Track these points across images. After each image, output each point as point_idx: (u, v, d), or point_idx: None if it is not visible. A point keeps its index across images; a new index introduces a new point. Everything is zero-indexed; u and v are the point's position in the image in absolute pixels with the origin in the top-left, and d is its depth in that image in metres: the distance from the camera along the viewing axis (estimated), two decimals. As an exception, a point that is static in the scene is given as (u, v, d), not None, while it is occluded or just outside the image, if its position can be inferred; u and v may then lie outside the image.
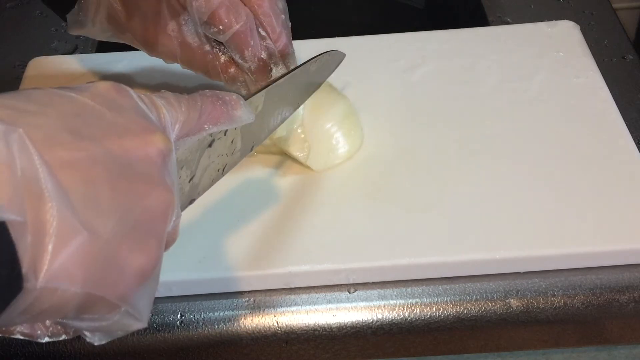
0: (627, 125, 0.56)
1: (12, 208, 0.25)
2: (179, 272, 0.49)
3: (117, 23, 0.51)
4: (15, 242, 0.25)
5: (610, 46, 0.67)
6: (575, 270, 0.49)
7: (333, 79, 0.57)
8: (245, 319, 0.48)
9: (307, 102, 0.53)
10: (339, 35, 0.67)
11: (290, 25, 0.51)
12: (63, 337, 0.32)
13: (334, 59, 0.55)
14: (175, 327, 0.48)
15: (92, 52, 0.70)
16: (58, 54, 0.70)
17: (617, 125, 0.57)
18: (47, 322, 0.31)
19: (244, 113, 0.40)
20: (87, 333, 0.31)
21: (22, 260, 0.26)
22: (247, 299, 0.49)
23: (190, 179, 0.41)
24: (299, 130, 0.53)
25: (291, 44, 0.51)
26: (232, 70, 0.51)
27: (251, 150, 0.46)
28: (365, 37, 0.67)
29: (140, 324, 0.31)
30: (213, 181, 0.43)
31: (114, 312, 0.30)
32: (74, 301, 0.28)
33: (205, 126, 0.38)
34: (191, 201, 0.42)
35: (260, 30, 0.49)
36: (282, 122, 0.50)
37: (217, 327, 0.48)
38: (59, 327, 0.31)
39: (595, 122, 0.57)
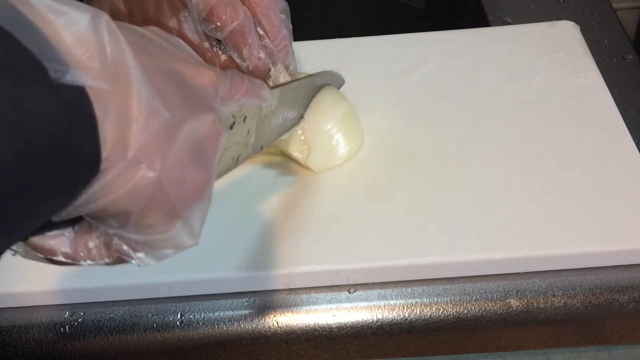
0: (627, 125, 0.56)
1: (102, 78, 0.27)
2: (179, 272, 0.49)
3: (119, 19, 0.51)
4: (99, 120, 0.26)
5: (610, 46, 0.67)
6: (575, 270, 0.49)
7: (333, 79, 0.57)
8: (245, 319, 0.48)
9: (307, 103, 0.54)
10: (339, 36, 0.67)
11: (291, 27, 0.51)
12: (105, 260, 0.32)
13: (336, 80, 0.57)
14: (175, 327, 0.48)
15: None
16: (58, 54, 0.70)
17: (617, 125, 0.57)
18: (91, 244, 0.31)
19: (268, 94, 0.42)
20: (133, 253, 0.31)
21: (104, 140, 0.27)
22: (247, 299, 0.49)
23: None
24: (299, 132, 0.53)
25: (291, 44, 0.51)
26: (229, 71, 0.51)
27: (261, 149, 0.47)
28: (365, 37, 0.67)
29: (193, 241, 0.33)
30: (227, 169, 0.43)
31: (171, 222, 0.31)
32: (146, 192, 0.29)
33: (236, 96, 0.39)
34: None
35: (258, 29, 0.49)
36: (288, 128, 0.51)
37: (217, 327, 0.48)
38: (102, 250, 0.32)
39: (595, 122, 0.57)
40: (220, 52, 0.50)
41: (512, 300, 0.48)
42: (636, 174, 0.53)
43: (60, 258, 0.32)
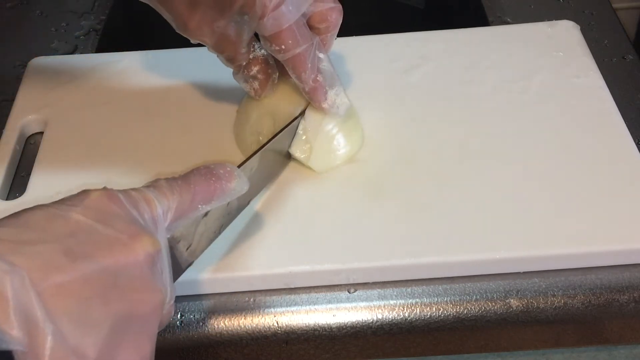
0: (627, 125, 0.56)
1: (19, 340, 0.29)
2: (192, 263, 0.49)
3: None
4: None
5: (610, 46, 0.67)
6: (575, 270, 0.49)
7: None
8: (245, 319, 0.48)
9: (308, 103, 0.54)
10: (339, 36, 0.67)
11: None
12: None
13: None
14: (175, 327, 0.48)
15: (92, 52, 0.70)
16: (58, 54, 0.70)
17: (617, 125, 0.57)
18: None
19: (237, 184, 0.43)
20: None
21: None
22: (247, 299, 0.49)
23: (188, 248, 0.43)
24: (300, 132, 0.53)
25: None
26: (256, 68, 0.51)
27: (247, 205, 0.49)
28: (365, 37, 0.67)
29: None
30: (210, 241, 0.45)
31: None
32: None
33: (199, 206, 0.41)
34: (189, 265, 0.44)
35: (318, 52, 0.49)
36: (277, 175, 0.53)
37: (217, 327, 0.48)
38: None
39: (595, 122, 0.57)
40: (253, 50, 0.50)
41: (512, 300, 0.48)
42: (636, 174, 0.53)
43: None
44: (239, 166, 0.45)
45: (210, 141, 0.58)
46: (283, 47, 0.47)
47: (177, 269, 0.44)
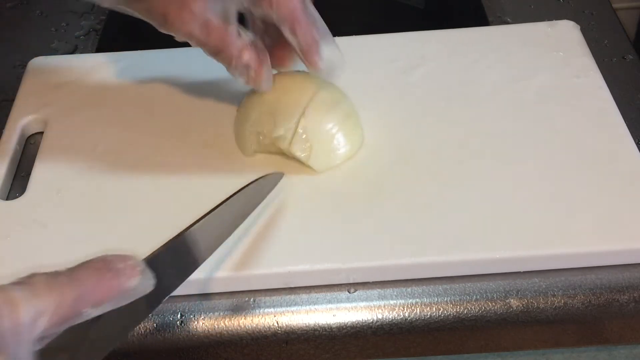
0: (627, 125, 0.56)
1: None
2: None
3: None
4: None
5: (610, 46, 0.67)
6: (575, 270, 0.49)
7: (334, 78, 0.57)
8: (245, 319, 0.48)
9: (308, 102, 0.53)
10: (339, 35, 0.67)
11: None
12: None
13: (270, 181, 0.52)
14: (175, 327, 0.48)
15: (92, 52, 0.70)
16: (58, 54, 0.70)
17: (617, 125, 0.57)
18: None
19: (140, 283, 0.34)
20: None
21: None
22: (247, 299, 0.49)
23: (73, 356, 0.34)
24: (301, 131, 0.53)
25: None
26: (246, 55, 0.50)
27: (169, 294, 0.39)
28: (365, 37, 0.67)
29: None
30: (112, 346, 0.36)
31: None
32: None
33: (84, 310, 0.32)
34: None
35: (310, 7, 0.48)
36: (216, 247, 0.45)
37: (217, 327, 0.48)
38: None
39: (595, 122, 0.57)
40: (240, 36, 0.49)
41: (512, 300, 0.48)
42: (636, 174, 0.53)
43: None
44: (147, 258, 0.37)
45: (210, 141, 0.58)
46: (274, 3, 0.47)
47: None
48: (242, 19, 0.51)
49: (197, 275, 0.48)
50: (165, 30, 0.49)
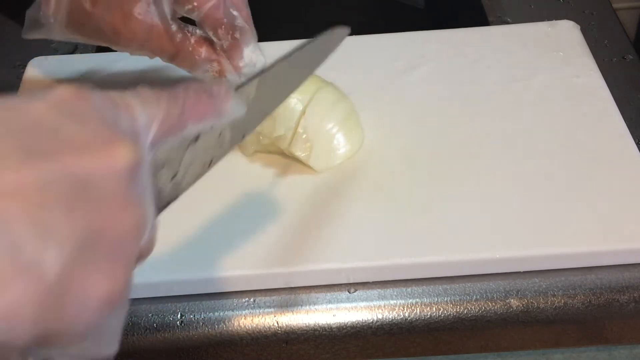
0: (627, 125, 0.56)
1: None
2: (179, 272, 0.49)
3: (81, 12, 0.49)
4: None
5: (610, 46, 0.67)
6: (575, 270, 0.49)
7: (333, 78, 0.57)
8: (245, 319, 0.48)
9: (309, 102, 0.53)
10: (338, 35, 0.67)
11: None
12: None
13: (336, 37, 0.51)
14: (175, 327, 0.48)
15: (92, 52, 0.70)
16: (58, 54, 0.70)
17: (617, 125, 0.57)
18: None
19: (233, 106, 0.37)
20: None
21: None
22: (247, 299, 0.49)
23: (173, 177, 0.37)
24: (301, 130, 0.53)
25: (251, 23, 0.51)
26: (203, 50, 0.50)
27: (242, 139, 0.42)
28: (365, 37, 0.67)
29: (111, 349, 0.30)
30: (198, 176, 0.39)
31: (80, 342, 0.27)
32: (29, 339, 0.25)
33: (189, 123, 0.34)
34: (175, 197, 0.38)
35: (232, 10, 0.49)
36: (277, 107, 0.46)
37: (217, 327, 0.48)
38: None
39: (595, 122, 0.57)
40: (190, 35, 0.50)
41: (512, 300, 0.48)
42: (636, 174, 0.53)
43: None
44: (236, 89, 0.40)
45: (210, 141, 0.58)
46: (195, 3, 0.47)
47: (159, 202, 0.38)
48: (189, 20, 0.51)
49: (198, 275, 0.48)
50: (118, 45, 0.50)
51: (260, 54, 0.52)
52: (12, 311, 0.25)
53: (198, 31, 0.51)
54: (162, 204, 0.38)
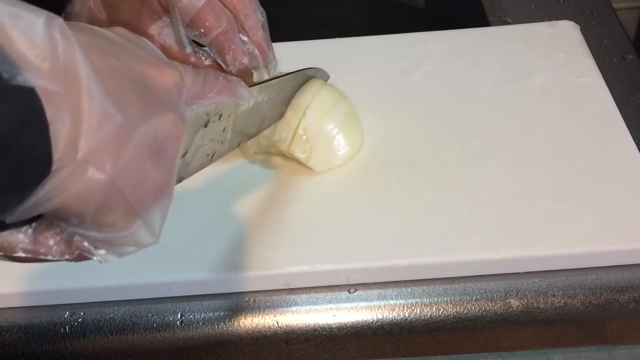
0: (627, 125, 0.56)
1: (53, 80, 0.27)
2: (179, 272, 0.49)
3: None
4: (50, 122, 0.27)
5: (610, 46, 0.67)
6: (575, 270, 0.49)
7: (333, 79, 0.57)
8: (245, 319, 0.48)
9: (309, 104, 0.53)
10: (339, 36, 0.67)
11: (268, 32, 0.51)
12: (66, 257, 0.32)
13: (321, 76, 0.56)
14: (175, 327, 0.48)
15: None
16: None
17: (617, 125, 0.57)
18: (51, 241, 0.32)
19: (245, 91, 0.42)
20: (94, 250, 0.32)
21: (55, 141, 0.27)
22: (247, 299, 0.49)
23: (183, 155, 0.41)
24: (301, 131, 0.53)
25: (271, 48, 0.51)
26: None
27: (238, 145, 0.47)
28: (365, 38, 0.67)
29: (153, 239, 0.33)
30: (202, 165, 0.43)
31: (131, 221, 0.31)
32: (99, 192, 0.29)
33: (210, 95, 0.39)
34: (180, 179, 0.42)
35: (241, 35, 0.49)
36: (268, 125, 0.51)
37: (217, 327, 0.48)
38: (63, 247, 0.32)
39: (595, 122, 0.57)
40: (203, 58, 0.50)
41: (512, 300, 0.48)
42: (636, 174, 0.53)
43: (20, 254, 0.32)
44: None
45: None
46: (203, 30, 0.48)
47: None
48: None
49: (198, 275, 0.48)
50: None
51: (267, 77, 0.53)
52: (100, 149, 0.28)
53: (212, 55, 0.51)
54: None
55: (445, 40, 0.65)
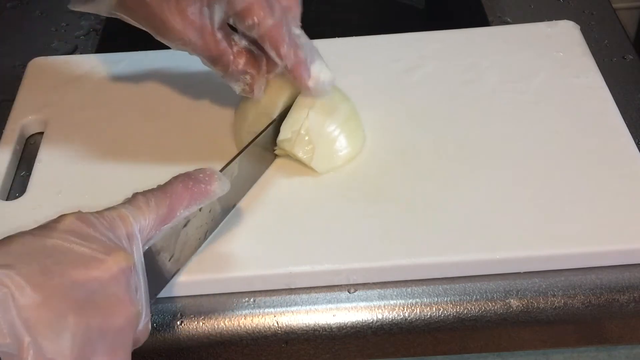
0: (627, 125, 0.56)
1: (10, 347, 0.32)
2: (179, 272, 0.49)
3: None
4: None
5: (610, 46, 0.67)
6: (575, 270, 0.49)
7: (335, 79, 0.57)
8: (245, 319, 0.48)
9: (311, 104, 0.53)
10: (339, 36, 0.67)
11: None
12: None
13: None
14: (175, 327, 0.48)
15: (92, 52, 0.70)
16: (58, 54, 0.70)
17: (617, 125, 0.57)
18: None
19: (218, 186, 0.43)
20: None
21: None
22: (247, 299, 0.49)
23: (170, 258, 0.44)
24: (303, 132, 0.53)
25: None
26: (242, 61, 0.50)
27: (233, 208, 0.50)
28: (365, 37, 0.67)
29: None
30: (196, 249, 0.46)
31: None
32: None
33: (178, 213, 0.42)
34: (175, 274, 0.46)
35: (293, 27, 0.49)
36: (258, 177, 0.53)
37: (217, 327, 0.48)
38: None
39: (595, 122, 0.57)
40: (234, 43, 0.50)
41: (512, 300, 0.48)
42: (636, 174, 0.53)
43: None
44: (220, 170, 0.46)
45: (210, 141, 0.58)
46: (256, 19, 0.47)
47: (161, 279, 0.45)
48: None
49: (198, 275, 0.48)
50: (163, 38, 0.50)
51: (328, 71, 0.51)
52: None
53: (243, 42, 0.50)
54: (164, 281, 0.45)
55: (445, 40, 0.65)
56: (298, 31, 0.49)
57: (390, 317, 0.48)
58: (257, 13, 0.47)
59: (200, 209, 0.44)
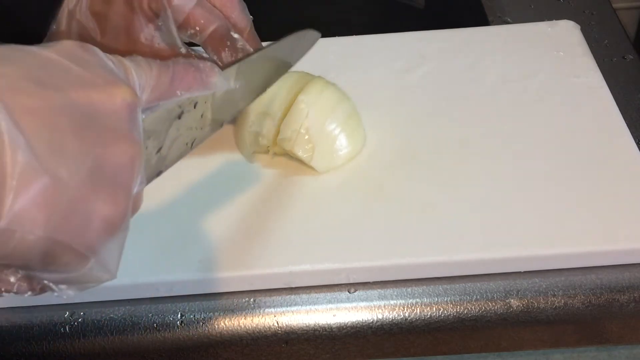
0: (627, 125, 0.56)
1: None
2: (179, 272, 0.49)
3: (90, 42, 0.50)
4: None
5: (610, 46, 0.67)
6: (575, 270, 0.49)
7: (333, 78, 0.57)
8: (245, 319, 0.48)
9: (311, 103, 0.53)
10: (339, 35, 0.67)
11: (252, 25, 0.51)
12: (29, 293, 0.31)
13: (309, 38, 0.54)
14: (175, 327, 0.48)
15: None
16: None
17: (617, 125, 0.57)
18: (12, 278, 0.31)
19: (218, 80, 0.41)
20: (55, 286, 0.31)
21: None
22: (247, 299, 0.49)
23: (158, 151, 0.40)
24: (303, 131, 0.53)
25: (259, 42, 0.51)
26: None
27: (221, 126, 0.46)
28: (365, 37, 0.67)
29: (109, 276, 0.32)
30: (181, 155, 0.43)
31: (83, 263, 0.30)
32: (38, 247, 0.28)
33: (178, 91, 0.37)
34: (158, 173, 0.41)
35: (232, 32, 0.50)
36: (251, 102, 0.49)
37: (217, 327, 0.48)
38: (25, 283, 0.31)
39: (595, 122, 0.57)
40: (195, 57, 0.50)
41: (512, 300, 0.48)
42: (636, 174, 0.53)
43: None
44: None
45: (210, 141, 0.57)
46: (197, 27, 0.48)
47: (146, 172, 0.40)
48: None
49: (197, 275, 0.48)
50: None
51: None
52: (27, 211, 0.27)
53: (205, 55, 0.51)
54: (148, 175, 0.40)
55: (446, 40, 0.65)
56: (237, 35, 0.50)
57: (390, 317, 0.48)
58: (197, 21, 0.48)
59: (195, 106, 0.42)
